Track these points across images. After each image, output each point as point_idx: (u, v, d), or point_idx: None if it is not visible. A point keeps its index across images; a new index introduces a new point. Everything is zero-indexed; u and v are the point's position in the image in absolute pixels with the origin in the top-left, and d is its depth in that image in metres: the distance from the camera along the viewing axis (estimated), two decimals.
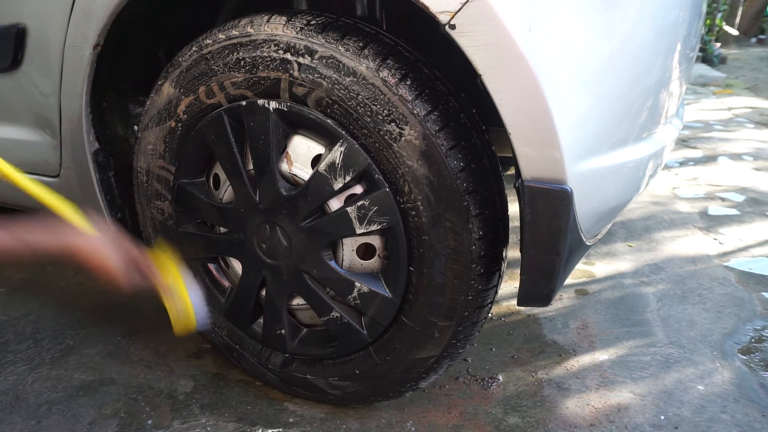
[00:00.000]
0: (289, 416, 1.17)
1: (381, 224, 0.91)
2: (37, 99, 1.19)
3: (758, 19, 9.22)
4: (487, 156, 0.92)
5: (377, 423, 1.14)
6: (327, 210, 0.96)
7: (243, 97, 0.95)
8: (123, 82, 1.23)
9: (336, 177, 0.91)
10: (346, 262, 0.99)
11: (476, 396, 1.22)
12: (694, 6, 1.09)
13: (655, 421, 1.15)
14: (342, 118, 0.89)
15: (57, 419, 1.15)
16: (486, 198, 0.90)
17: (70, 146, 1.18)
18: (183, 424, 1.14)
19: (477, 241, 0.90)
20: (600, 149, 0.88)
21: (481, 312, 0.99)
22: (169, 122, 1.04)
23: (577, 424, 1.15)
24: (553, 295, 0.92)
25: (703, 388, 1.25)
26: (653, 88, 0.98)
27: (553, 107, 0.76)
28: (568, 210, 0.81)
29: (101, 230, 0.88)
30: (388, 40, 0.90)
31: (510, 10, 0.73)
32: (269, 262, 1.03)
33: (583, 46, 0.81)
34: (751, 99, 4.79)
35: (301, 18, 0.90)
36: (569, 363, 1.33)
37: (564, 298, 1.62)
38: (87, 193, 1.22)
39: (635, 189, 1.08)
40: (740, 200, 2.41)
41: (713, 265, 1.82)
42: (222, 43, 0.94)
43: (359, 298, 0.98)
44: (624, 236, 2.06)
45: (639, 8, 0.88)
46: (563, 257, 0.86)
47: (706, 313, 1.54)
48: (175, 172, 1.07)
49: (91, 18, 1.02)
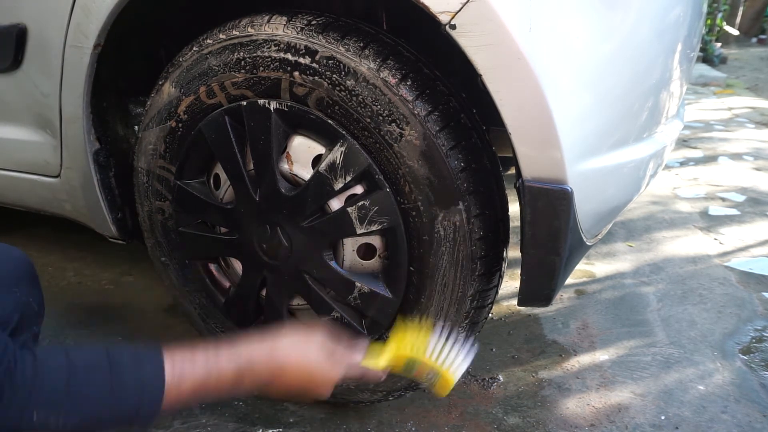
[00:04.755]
0: (289, 416, 1.17)
1: (381, 224, 0.91)
2: (37, 99, 1.19)
3: (759, 19, 9.22)
4: (487, 156, 0.92)
5: (377, 423, 1.14)
6: (327, 210, 0.96)
7: (244, 97, 0.95)
8: (123, 82, 1.23)
9: (336, 177, 0.91)
10: (346, 262, 0.99)
11: (476, 396, 1.22)
12: (695, 6, 1.09)
13: (656, 421, 1.15)
14: (342, 119, 0.89)
15: None
16: (486, 198, 0.90)
17: (71, 146, 1.18)
18: (183, 424, 1.14)
19: (477, 241, 0.90)
20: (600, 149, 0.88)
21: (482, 312, 0.99)
22: (169, 122, 1.04)
23: (578, 424, 1.15)
24: (553, 295, 0.92)
25: (703, 388, 1.25)
26: (654, 88, 0.98)
27: (554, 107, 0.76)
28: (568, 210, 0.81)
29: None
30: (389, 40, 0.90)
31: (510, 10, 0.73)
32: (269, 262, 1.03)
33: (583, 46, 0.81)
34: (752, 99, 4.78)
35: (302, 18, 0.90)
36: (569, 363, 1.33)
37: (564, 298, 1.62)
38: (87, 193, 1.22)
39: (636, 189, 1.08)
40: (740, 200, 2.41)
41: (713, 265, 1.82)
42: (222, 43, 0.94)
43: (360, 299, 0.97)
44: (624, 236, 2.06)
45: (639, 8, 0.87)
46: (564, 257, 0.85)
47: (706, 313, 1.54)
48: (175, 172, 1.07)
49: (92, 18, 1.02)
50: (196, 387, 0.70)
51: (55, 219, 1.44)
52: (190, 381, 0.70)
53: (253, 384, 0.77)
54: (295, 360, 0.79)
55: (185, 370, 0.70)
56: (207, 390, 0.72)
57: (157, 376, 0.67)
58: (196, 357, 0.72)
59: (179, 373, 0.69)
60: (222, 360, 0.73)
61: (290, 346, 0.80)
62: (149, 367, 0.68)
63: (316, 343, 0.82)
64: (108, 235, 1.28)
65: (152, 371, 0.68)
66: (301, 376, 0.79)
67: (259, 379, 0.77)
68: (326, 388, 0.82)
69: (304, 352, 0.80)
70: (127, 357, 0.68)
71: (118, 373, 0.65)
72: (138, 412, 0.67)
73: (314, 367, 0.80)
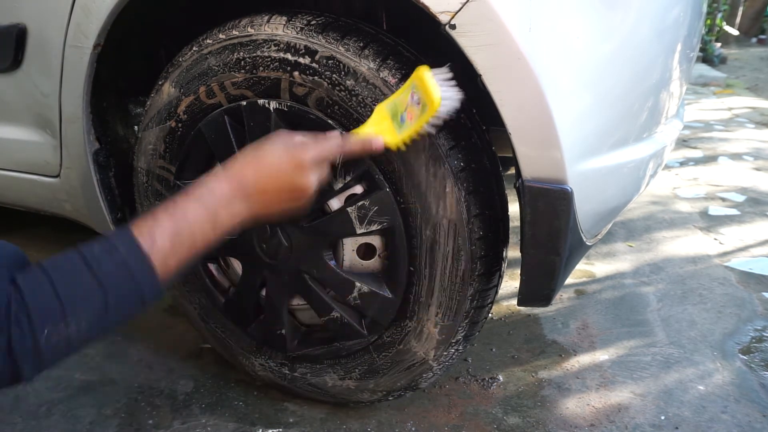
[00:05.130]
0: (289, 416, 1.17)
1: (381, 224, 0.91)
2: (37, 99, 1.19)
3: (759, 19, 9.23)
4: (487, 156, 0.92)
5: (377, 423, 1.14)
6: (327, 210, 0.96)
7: (243, 97, 0.95)
8: (123, 82, 1.23)
9: (336, 177, 0.91)
10: (346, 262, 0.99)
11: (476, 396, 1.22)
12: (695, 6, 1.09)
13: (656, 421, 1.15)
14: (342, 118, 0.89)
15: (57, 419, 1.15)
16: (486, 198, 0.90)
17: (71, 146, 1.18)
18: (183, 424, 1.14)
19: (477, 241, 0.90)
20: (600, 149, 0.88)
21: (482, 312, 0.99)
22: (169, 122, 1.04)
23: (578, 424, 1.15)
24: (553, 295, 0.92)
25: (703, 388, 1.25)
26: (654, 88, 0.98)
27: (554, 107, 0.76)
28: (568, 210, 0.81)
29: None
30: (389, 40, 0.90)
31: (510, 10, 0.73)
32: (269, 262, 1.03)
33: (583, 46, 0.81)
34: (752, 99, 4.79)
35: (302, 18, 0.90)
36: (569, 363, 1.33)
37: (564, 298, 1.62)
38: (87, 193, 1.22)
39: (636, 189, 1.08)
40: (740, 200, 2.41)
41: (713, 265, 1.82)
42: (222, 42, 0.94)
43: (359, 299, 0.97)
44: (624, 236, 2.06)
45: (639, 8, 0.87)
46: (563, 257, 0.85)
47: (706, 313, 1.54)
48: (175, 172, 1.07)
49: (92, 18, 1.02)
50: (175, 239, 0.67)
51: (55, 219, 1.44)
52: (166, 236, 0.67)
53: (231, 216, 0.73)
54: (258, 167, 0.75)
55: (154, 231, 0.67)
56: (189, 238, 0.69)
57: (134, 249, 0.65)
58: (157, 215, 0.69)
59: (151, 237, 0.66)
60: (182, 205, 0.70)
61: (246, 161, 0.76)
62: (122, 247, 0.65)
63: (273, 144, 0.78)
64: None
65: (127, 248, 0.65)
66: (274, 179, 0.75)
67: (233, 208, 0.73)
68: (307, 177, 0.77)
69: (264, 157, 0.76)
70: (98, 248, 0.65)
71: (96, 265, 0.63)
72: (139, 289, 0.65)
73: (282, 163, 0.76)
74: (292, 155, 0.77)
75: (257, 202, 0.76)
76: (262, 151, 0.78)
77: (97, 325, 0.63)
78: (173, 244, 0.68)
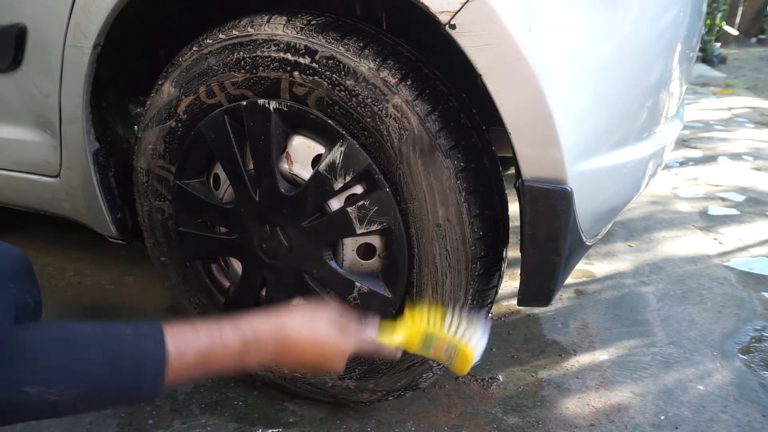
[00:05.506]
0: (289, 416, 1.17)
1: (381, 224, 0.91)
2: (37, 99, 1.19)
3: (758, 19, 9.24)
4: (487, 156, 0.92)
5: (377, 423, 1.14)
6: (327, 210, 0.96)
7: (243, 97, 0.95)
8: (123, 82, 1.23)
9: (336, 177, 0.91)
10: (346, 262, 0.99)
11: (476, 396, 1.22)
12: (695, 6, 1.09)
13: (655, 421, 1.15)
14: (342, 118, 0.89)
15: (57, 419, 1.15)
16: (486, 198, 0.90)
17: (70, 146, 1.18)
18: (183, 424, 1.14)
19: (477, 241, 0.90)
20: (600, 149, 0.88)
21: (482, 312, 0.99)
22: (169, 122, 1.04)
23: (577, 424, 1.15)
24: (553, 295, 0.92)
25: (703, 388, 1.25)
26: (653, 88, 0.98)
27: (554, 107, 0.76)
28: (568, 210, 0.81)
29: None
30: (389, 40, 0.90)
31: (510, 10, 0.73)
32: (269, 262, 1.03)
33: (583, 46, 0.81)
34: (751, 99, 4.79)
35: (302, 18, 0.90)
36: (569, 363, 1.33)
37: (564, 298, 1.62)
38: (87, 193, 1.22)
39: (635, 189, 1.08)
40: (740, 200, 2.41)
41: (713, 265, 1.82)
42: (222, 42, 0.94)
43: (359, 298, 0.98)
44: (624, 236, 2.06)
45: (639, 8, 0.87)
46: (563, 257, 0.85)
47: (706, 313, 1.54)
48: (175, 172, 1.07)
49: (92, 17, 1.02)
50: (200, 358, 0.69)
51: (55, 219, 1.44)
52: (194, 351, 0.68)
53: (258, 358, 0.75)
54: (304, 334, 0.78)
55: (188, 341, 0.68)
56: (212, 361, 0.70)
57: (158, 347, 0.66)
58: (198, 328, 0.70)
59: (182, 344, 0.67)
60: (226, 331, 0.72)
61: (297, 321, 0.79)
62: (149, 339, 0.66)
63: (325, 317, 0.81)
64: (108, 235, 1.29)
65: (152, 342, 0.66)
66: (311, 349, 0.78)
67: (265, 353, 0.75)
68: (339, 362, 0.81)
69: (313, 326, 0.79)
70: (126, 330, 0.66)
71: (116, 346, 0.64)
72: (140, 384, 0.65)
73: (324, 340, 0.79)
74: (339, 341, 0.80)
75: (287, 360, 0.78)
76: (317, 324, 0.80)
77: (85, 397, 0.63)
78: (196, 362, 0.69)
